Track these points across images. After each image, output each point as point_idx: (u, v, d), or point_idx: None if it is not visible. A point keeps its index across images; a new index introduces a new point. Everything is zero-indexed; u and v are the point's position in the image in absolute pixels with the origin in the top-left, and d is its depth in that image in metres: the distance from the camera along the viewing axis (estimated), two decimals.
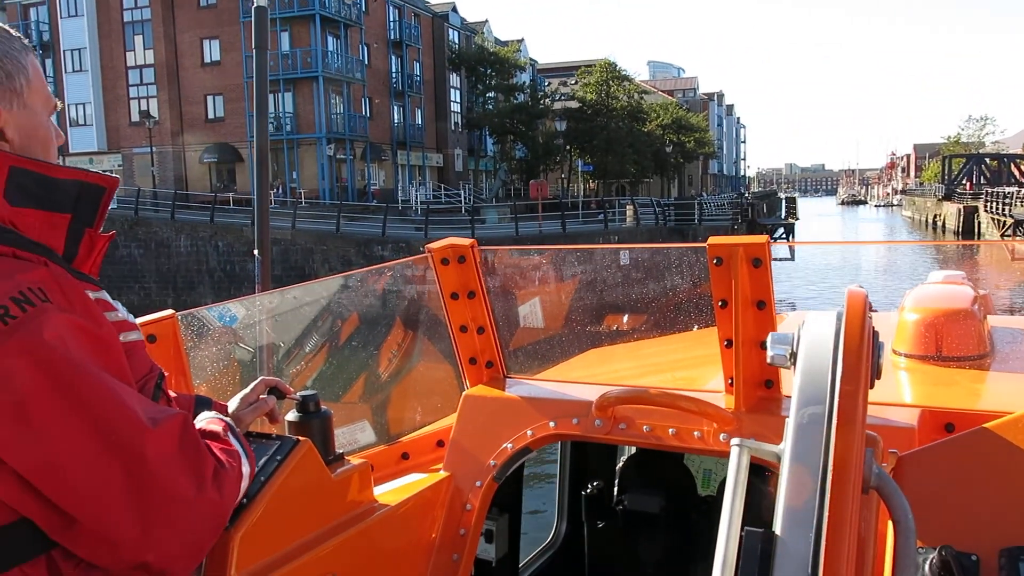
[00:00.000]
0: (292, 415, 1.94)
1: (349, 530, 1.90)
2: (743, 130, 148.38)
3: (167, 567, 1.22)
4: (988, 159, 68.53)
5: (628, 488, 3.24)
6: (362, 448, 2.68)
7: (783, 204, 54.79)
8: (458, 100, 54.90)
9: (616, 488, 3.34)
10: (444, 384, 3.02)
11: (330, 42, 42.02)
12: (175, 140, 42.31)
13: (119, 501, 1.16)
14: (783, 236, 37.90)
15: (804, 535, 1.09)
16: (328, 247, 28.09)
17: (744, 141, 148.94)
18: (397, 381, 3.70)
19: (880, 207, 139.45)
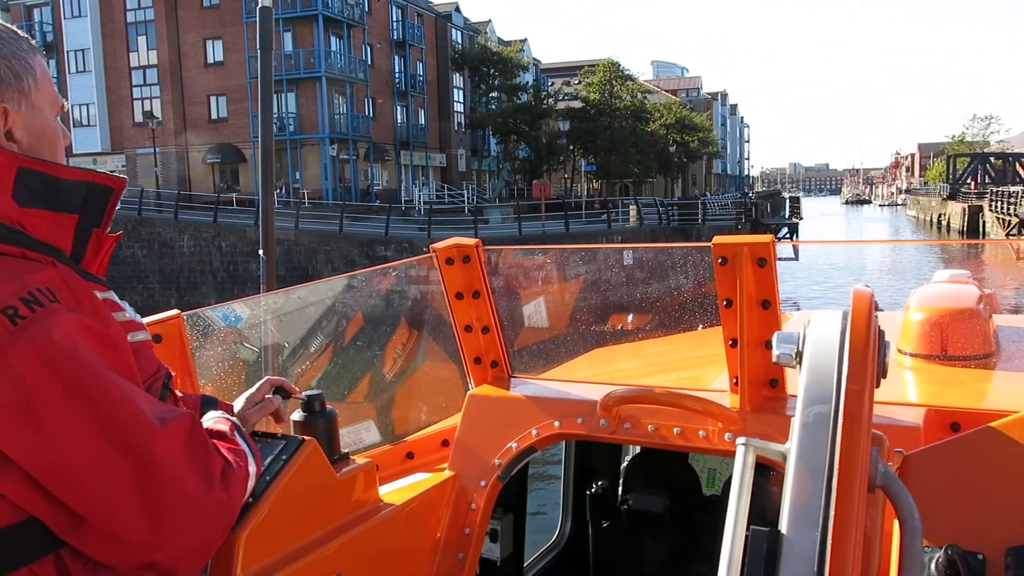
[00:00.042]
0: (297, 415, 1.94)
1: (354, 529, 1.90)
2: (747, 129, 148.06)
3: (175, 566, 1.22)
4: (993, 158, 68.39)
5: (633, 488, 3.24)
6: (367, 448, 2.68)
7: (787, 204, 54.70)
8: (461, 100, 54.87)
9: (620, 488, 3.34)
10: (449, 384, 3.02)
11: (333, 42, 42.04)
12: (178, 140, 42.38)
13: (128, 501, 1.16)
14: (787, 236, 37.83)
15: (810, 534, 1.09)
16: (331, 247, 28.11)
17: (748, 140, 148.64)
18: (402, 381, 3.71)
19: (884, 207, 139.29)
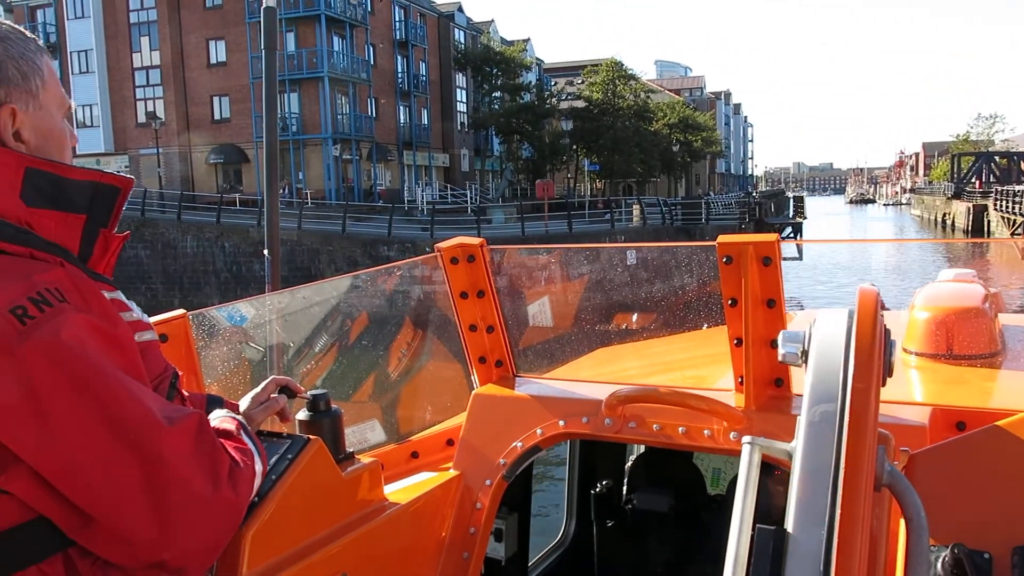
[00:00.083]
0: (303, 414, 1.95)
1: (359, 529, 1.90)
2: (750, 129, 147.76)
3: (183, 565, 1.23)
4: (998, 157, 68.23)
5: (637, 487, 3.24)
6: (372, 447, 2.68)
7: (791, 203, 54.55)
8: (464, 100, 54.87)
9: (625, 487, 3.34)
10: (453, 383, 3.02)
11: (335, 42, 42.04)
12: (181, 141, 42.43)
13: (136, 500, 1.17)
14: (791, 235, 37.77)
15: (816, 533, 1.09)
16: (334, 248, 28.12)
17: (751, 140, 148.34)
18: (407, 380, 3.71)
19: (889, 206, 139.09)
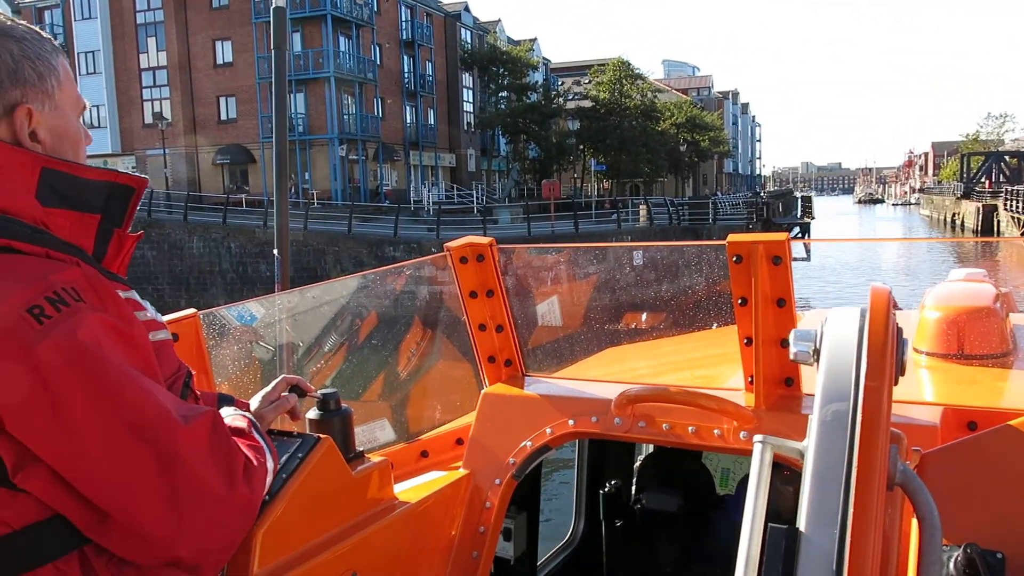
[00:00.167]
0: (313, 413, 1.96)
1: (369, 527, 1.90)
2: (758, 128, 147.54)
3: (199, 562, 1.24)
4: (1007, 157, 67.86)
5: (646, 487, 3.23)
6: (382, 446, 2.69)
7: (799, 203, 54.43)
8: (470, 100, 54.88)
9: (634, 487, 3.34)
10: (463, 382, 3.02)
11: (342, 42, 42.12)
12: (188, 142, 42.55)
13: (153, 497, 1.17)
14: (799, 235, 37.67)
15: (828, 532, 1.09)
16: (340, 248, 28.15)
17: (759, 140, 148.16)
18: (416, 379, 3.71)
19: (898, 206, 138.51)
